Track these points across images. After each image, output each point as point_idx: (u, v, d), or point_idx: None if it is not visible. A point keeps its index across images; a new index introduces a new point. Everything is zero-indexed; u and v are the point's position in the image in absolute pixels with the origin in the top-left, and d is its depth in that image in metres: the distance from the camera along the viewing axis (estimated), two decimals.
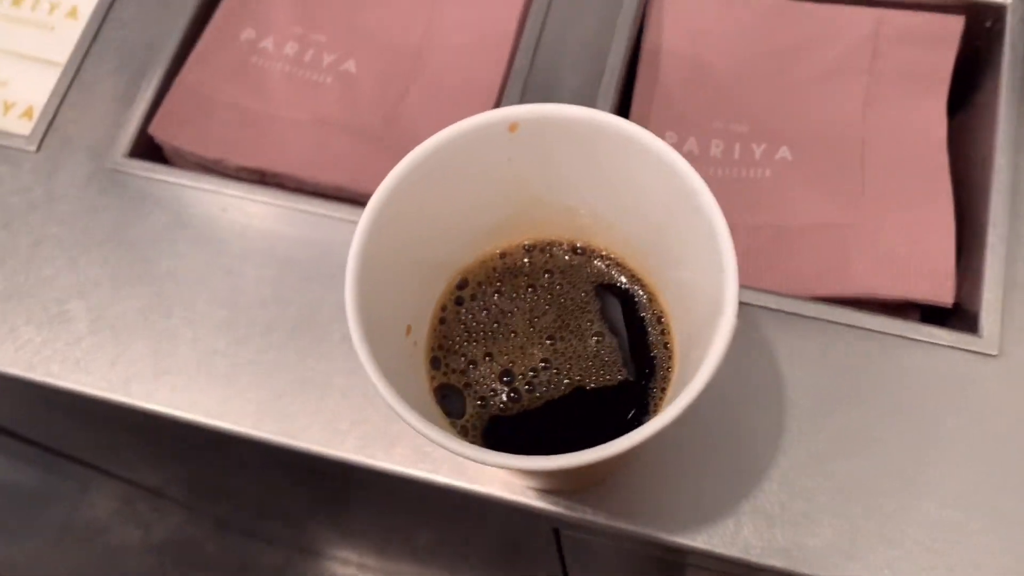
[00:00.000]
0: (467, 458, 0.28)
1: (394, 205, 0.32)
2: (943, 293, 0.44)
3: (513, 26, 0.52)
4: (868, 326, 0.43)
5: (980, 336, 0.42)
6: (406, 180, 0.32)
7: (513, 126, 0.32)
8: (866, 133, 0.49)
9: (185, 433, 0.46)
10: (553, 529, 0.47)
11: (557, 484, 0.41)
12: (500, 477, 0.42)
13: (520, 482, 0.41)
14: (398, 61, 0.53)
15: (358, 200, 0.49)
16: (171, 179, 0.49)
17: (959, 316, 0.45)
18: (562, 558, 0.62)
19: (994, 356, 0.42)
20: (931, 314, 0.46)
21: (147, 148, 0.51)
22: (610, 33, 0.52)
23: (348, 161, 0.50)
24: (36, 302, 0.47)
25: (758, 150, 0.50)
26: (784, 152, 0.49)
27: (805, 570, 0.39)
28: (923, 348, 0.42)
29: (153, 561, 1.23)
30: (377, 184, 0.49)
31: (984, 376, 0.42)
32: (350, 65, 0.53)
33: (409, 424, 0.29)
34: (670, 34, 0.52)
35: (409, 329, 0.35)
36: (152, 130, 0.50)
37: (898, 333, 0.43)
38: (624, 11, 0.52)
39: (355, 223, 0.47)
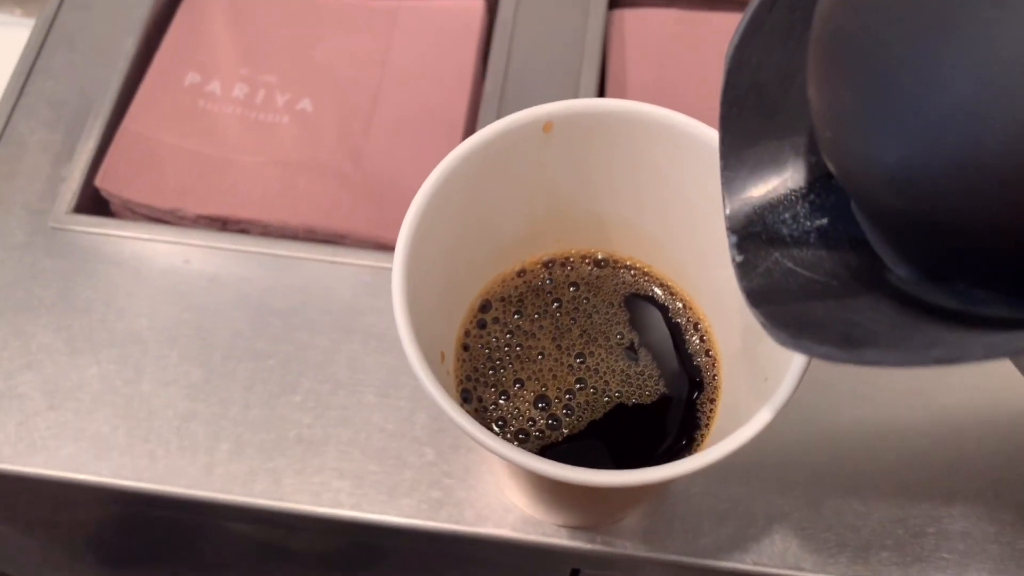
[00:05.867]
0: (551, 476, 0.25)
1: (433, 213, 0.29)
2: None
3: (472, 53, 0.51)
4: None
5: None
6: (445, 185, 0.29)
7: (548, 126, 0.30)
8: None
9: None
10: (572, 571, 0.44)
11: (595, 514, 0.38)
12: (516, 516, 0.39)
13: (547, 517, 0.38)
14: (356, 97, 0.50)
15: (332, 240, 0.46)
16: (124, 233, 0.45)
17: None
18: None
19: None
20: None
21: (92, 203, 0.47)
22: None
23: (317, 200, 0.46)
24: None
25: None
26: None
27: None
28: None
29: None
30: (352, 222, 0.46)
31: None
32: (306, 104, 0.50)
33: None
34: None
35: (443, 356, 0.32)
36: (99, 182, 0.46)
37: None
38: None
39: (333, 263, 0.45)
